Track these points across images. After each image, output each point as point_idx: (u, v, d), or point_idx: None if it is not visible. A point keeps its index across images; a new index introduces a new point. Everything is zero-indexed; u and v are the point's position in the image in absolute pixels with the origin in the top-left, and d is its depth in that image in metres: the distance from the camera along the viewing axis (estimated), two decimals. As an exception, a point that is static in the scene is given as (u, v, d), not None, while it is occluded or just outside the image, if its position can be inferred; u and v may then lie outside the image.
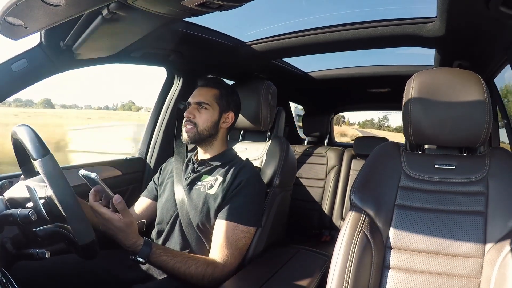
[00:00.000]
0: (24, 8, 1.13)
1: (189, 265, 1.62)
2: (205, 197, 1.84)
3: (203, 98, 1.93)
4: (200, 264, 1.64)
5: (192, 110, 1.92)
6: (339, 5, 2.51)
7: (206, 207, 1.82)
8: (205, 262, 1.66)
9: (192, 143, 1.94)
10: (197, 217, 1.82)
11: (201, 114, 1.91)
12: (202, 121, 1.90)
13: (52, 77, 1.83)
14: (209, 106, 1.91)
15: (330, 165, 4.10)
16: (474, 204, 1.51)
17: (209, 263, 1.66)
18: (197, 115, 1.91)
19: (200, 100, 1.92)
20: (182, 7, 1.21)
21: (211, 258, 1.71)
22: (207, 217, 1.81)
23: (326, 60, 3.43)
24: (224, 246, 1.70)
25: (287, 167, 2.09)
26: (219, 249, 1.71)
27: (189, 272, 1.61)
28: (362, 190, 1.65)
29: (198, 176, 1.95)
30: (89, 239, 1.20)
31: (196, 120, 1.90)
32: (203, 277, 1.62)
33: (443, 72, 1.69)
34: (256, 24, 2.55)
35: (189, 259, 1.65)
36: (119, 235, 1.53)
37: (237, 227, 1.73)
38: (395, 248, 1.56)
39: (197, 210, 1.83)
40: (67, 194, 1.17)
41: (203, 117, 1.91)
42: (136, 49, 2.07)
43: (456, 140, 1.63)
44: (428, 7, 1.78)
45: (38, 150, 1.17)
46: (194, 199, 1.86)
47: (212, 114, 1.92)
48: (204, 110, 1.91)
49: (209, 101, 1.92)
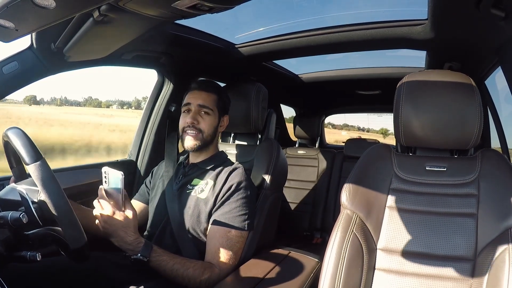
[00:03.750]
0: (15, 10, 1.12)
1: (187, 267, 1.62)
2: (196, 202, 1.83)
3: (206, 102, 1.90)
4: (198, 268, 1.64)
5: (195, 116, 1.89)
6: (330, 8, 2.52)
7: (197, 211, 1.81)
8: (203, 265, 1.66)
9: (198, 150, 1.92)
10: (188, 222, 1.81)
11: (204, 119, 1.89)
12: (207, 127, 1.89)
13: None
14: (211, 111, 1.90)
15: (321, 167, 4.11)
16: (466, 206, 1.52)
17: (206, 267, 1.66)
18: (200, 120, 1.89)
19: (203, 104, 1.90)
20: (173, 9, 1.21)
21: (208, 262, 1.71)
22: (198, 221, 1.81)
23: (317, 63, 3.44)
24: (219, 251, 1.70)
25: (278, 169, 2.09)
26: (215, 254, 1.71)
27: (187, 274, 1.61)
28: (353, 192, 1.65)
29: (188, 180, 1.93)
30: (81, 243, 1.20)
31: (201, 126, 1.88)
32: (200, 281, 1.62)
33: (434, 74, 1.69)
34: (247, 26, 2.55)
35: (187, 261, 1.65)
36: (120, 232, 1.55)
37: (230, 232, 1.73)
38: (386, 250, 1.56)
39: (188, 214, 1.82)
40: (60, 200, 1.17)
41: (207, 123, 1.89)
42: (127, 51, 2.07)
43: (447, 142, 1.63)
44: (419, 9, 1.79)
45: (30, 155, 1.16)
46: (184, 203, 1.86)
47: (214, 119, 1.91)
48: (207, 115, 1.89)
49: (212, 106, 1.91)
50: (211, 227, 1.76)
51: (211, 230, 1.76)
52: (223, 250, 1.70)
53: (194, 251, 1.79)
